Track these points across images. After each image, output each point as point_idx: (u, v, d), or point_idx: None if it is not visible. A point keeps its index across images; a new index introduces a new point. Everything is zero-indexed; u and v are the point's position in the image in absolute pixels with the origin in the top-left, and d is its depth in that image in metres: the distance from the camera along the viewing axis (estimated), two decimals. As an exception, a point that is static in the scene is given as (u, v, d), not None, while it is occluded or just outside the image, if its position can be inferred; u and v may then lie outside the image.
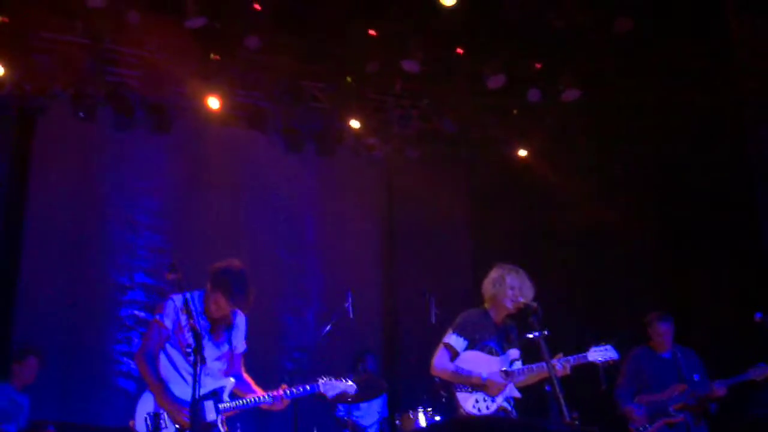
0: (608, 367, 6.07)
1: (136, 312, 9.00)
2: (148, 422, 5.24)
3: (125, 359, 8.85)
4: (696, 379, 6.86)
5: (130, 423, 5.29)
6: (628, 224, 9.15)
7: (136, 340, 8.76)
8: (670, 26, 8.43)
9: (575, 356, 5.80)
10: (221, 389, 5.41)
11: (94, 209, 9.24)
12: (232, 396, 5.46)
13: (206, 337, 5.32)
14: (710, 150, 8.50)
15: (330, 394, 5.65)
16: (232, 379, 5.50)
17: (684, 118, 8.74)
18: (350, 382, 5.74)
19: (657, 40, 8.60)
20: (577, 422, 5.82)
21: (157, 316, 5.39)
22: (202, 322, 5.34)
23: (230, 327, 5.54)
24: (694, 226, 8.56)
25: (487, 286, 6.04)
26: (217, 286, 5.34)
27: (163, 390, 5.25)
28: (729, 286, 8.05)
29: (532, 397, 6.05)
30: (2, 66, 8.04)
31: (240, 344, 5.63)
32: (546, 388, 5.81)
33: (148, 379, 5.31)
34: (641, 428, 7.06)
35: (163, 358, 5.35)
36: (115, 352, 8.91)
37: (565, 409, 5.16)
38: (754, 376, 6.72)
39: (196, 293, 5.41)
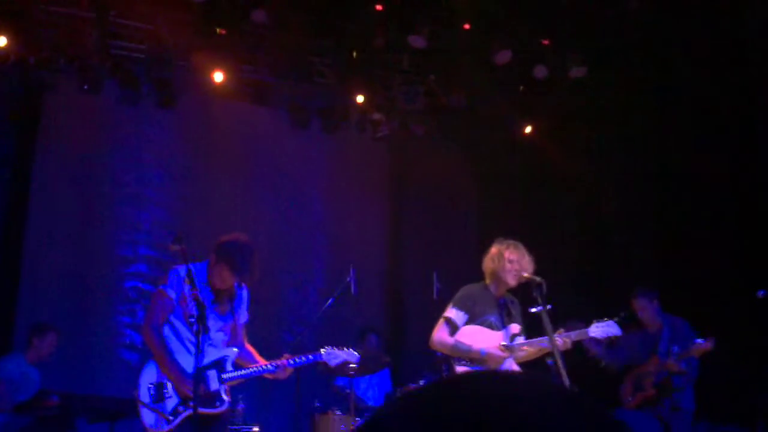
0: (611, 342, 6.08)
1: (140, 284, 9.03)
2: (152, 392, 5.28)
3: (128, 331, 8.89)
4: (674, 351, 6.87)
5: (134, 393, 5.32)
6: (633, 202, 9.13)
7: (139, 313, 8.79)
8: (680, 5, 8.35)
9: (576, 331, 5.80)
10: (224, 359, 5.44)
11: (99, 182, 9.25)
12: (235, 366, 5.49)
13: (209, 308, 5.34)
14: (717, 130, 8.45)
15: (332, 362, 5.70)
16: (234, 349, 5.53)
17: (692, 99, 8.69)
18: (352, 351, 5.78)
19: (666, 18, 8.52)
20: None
21: (161, 287, 5.41)
22: (205, 293, 5.36)
23: (233, 298, 5.57)
24: (697, 204, 8.54)
25: (487, 261, 6.06)
26: (222, 259, 5.37)
27: (169, 360, 5.28)
28: (732, 263, 8.04)
29: (535, 371, 6.07)
30: (7, 38, 8.02)
31: (242, 315, 5.66)
32: (548, 362, 5.83)
33: (154, 349, 5.34)
34: (624, 401, 7.14)
35: (167, 328, 5.38)
36: (118, 324, 8.94)
37: (567, 383, 5.19)
38: (693, 350, 6.74)
39: (199, 264, 5.43)
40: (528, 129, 10.10)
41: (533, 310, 5.65)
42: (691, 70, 8.60)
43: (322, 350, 5.66)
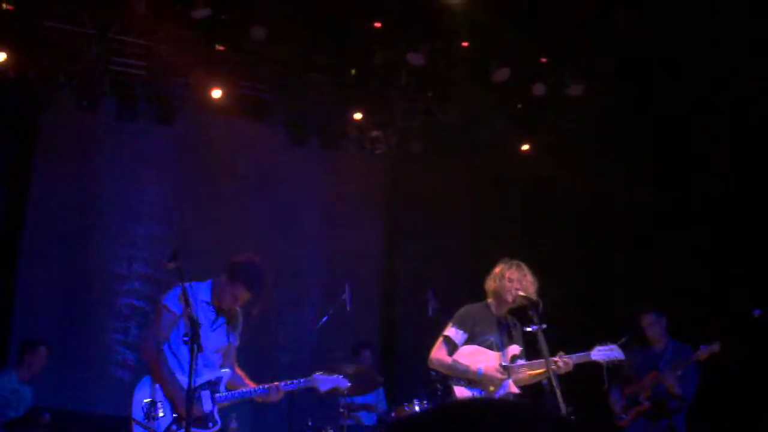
0: (613, 366, 6.06)
1: (134, 301, 9.00)
2: (145, 410, 5.26)
3: (122, 348, 8.85)
4: (677, 374, 6.85)
5: (128, 411, 5.30)
6: (632, 220, 9.11)
7: (133, 330, 8.76)
8: (674, 23, 8.37)
9: (578, 354, 5.78)
10: (219, 379, 5.44)
11: (96, 199, 9.24)
12: (228, 388, 5.47)
13: (209, 328, 5.33)
14: (716, 147, 8.46)
15: (323, 387, 5.68)
16: (227, 370, 5.52)
17: (690, 115, 8.70)
18: (342, 377, 5.76)
19: (662, 36, 8.53)
20: (572, 417, 5.82)
21: (165, 302, 5.39)
22: (207, 312, 5.36)
23: (232, 320, 5.57)
24: (697, 222, 8.53)
25: (489, 281, 6.08)
26: (237, 279, 5.36)
27: (169, 378, 5.26)
28: (730, 283, 8.03)
29: (529, 391, 6.04)
30: (7, 54, 8.03)
31: (236, 338, 5.66)
32: (543, 382, 5.81)
33: (155, 367, 5.31)
34: (619, 418, 7.11)
35: (166, 346, 5.36)
36: (112, 341, 8.91)
37: (561, 403, 5.16)
38: (698, 356, 6.73)
39: (196, 284, 5.42)
40: (525, 147, 10.11)
41: (529, 329, 5.63)
42: (688, 88, 8.62)
43: (314, 375, 5.65)
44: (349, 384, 5.92)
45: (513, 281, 5.86)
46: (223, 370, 5.50)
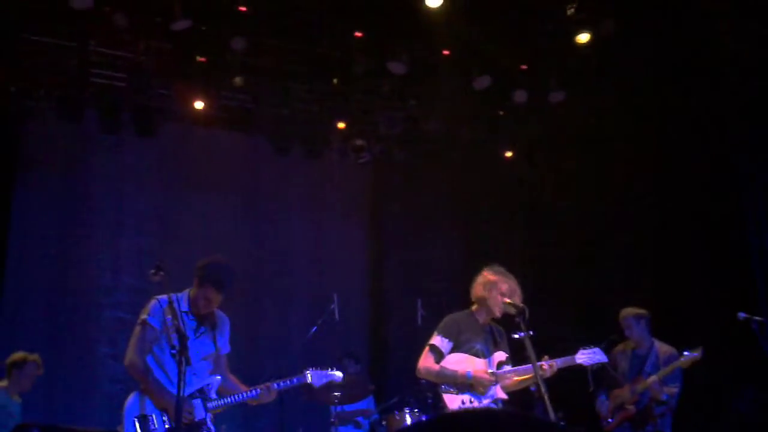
0: (597, 369, 6.10)
1: (121, 314, 8.95)
2: (137, 425, 5.23)
3: (111, 361, 8.81)
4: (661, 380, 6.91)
5: (119, 428, 5.27)
6: (616, 225, 9.18)
7: (121, 343, 8.69)
8: (655, 29, 8.46)
9: (562, 358, 5.82)
10: (208, 387, 5.41)
11: (79, 211, 9.20)
12: (219, 394, 5.46)
13: (192, 337, 5.32)
14: (696, 154, 8.54)
15: (317, 383, 5.68)
16: (218, 377, 5.50)
17: (670, 120, 8.78)
18: (337, 372, 5.78)
19: (642, 43, 8.62)
20: (562, 422, 5.86)
21: (144, 317, 5.38)
22: (188, 321, 5.34)
23: (215, 327, 5.56)
24: (681, 229, 8.60)
25: (477, 287, 6.04)
26: (206, 281, 5.37)
27: (157, 389, 5.24)
28: (715, 287, 8.10)
29: (518, 396, 6.08)
30: (-13, 68, 8.01)
31: (225, 345, 5.64)
32: (531, 388, 5.84)
33: (141, 379, 5.29)
34: (604, 423, 7.16)
35: (150, 359, 5.35)
36: (99, 354, 8.86)
37: (550, 408, 5.19)
38: (681, 363, 6.78)
39: (179, 295, 5.41)
40: (509, 153, 10.17)
41: (516, 336, 5.66)
42: (669, 93, 8.70)
43: (306, 371, 5.66)
44: (343, 376, 5.94)
45: (505, 295, 5.86)
46: (214, 377, 5.49)
